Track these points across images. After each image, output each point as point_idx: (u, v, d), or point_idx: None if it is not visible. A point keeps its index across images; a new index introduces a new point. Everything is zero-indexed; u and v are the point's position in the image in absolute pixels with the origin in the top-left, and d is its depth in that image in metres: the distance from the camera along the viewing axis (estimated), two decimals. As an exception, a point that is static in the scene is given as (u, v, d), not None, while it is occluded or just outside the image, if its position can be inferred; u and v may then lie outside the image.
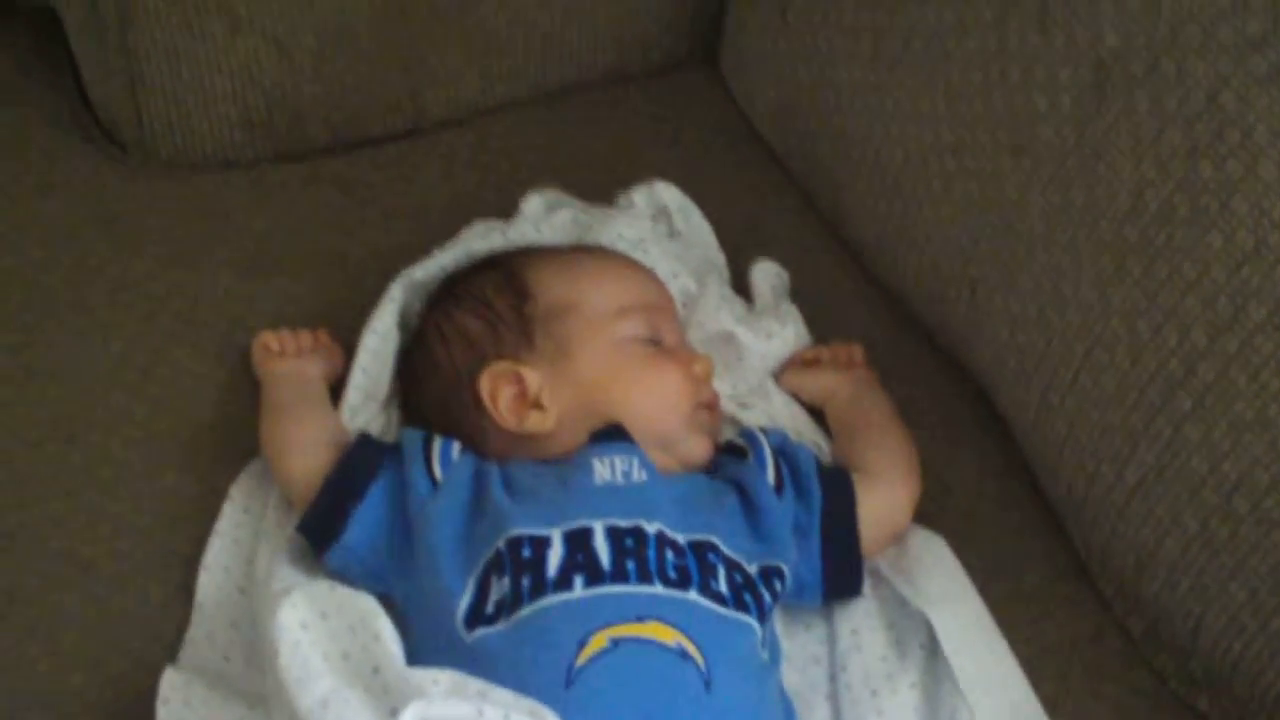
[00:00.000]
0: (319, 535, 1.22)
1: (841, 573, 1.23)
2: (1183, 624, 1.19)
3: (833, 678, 1.22)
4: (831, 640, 1.24)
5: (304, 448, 1.28)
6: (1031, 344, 1.25)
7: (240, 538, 1.28)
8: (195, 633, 1.23)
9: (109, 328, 1.42)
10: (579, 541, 1.14)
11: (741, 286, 1.45)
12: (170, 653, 1.21)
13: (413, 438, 1.25)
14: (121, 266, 1.47)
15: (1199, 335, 1.12)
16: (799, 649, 1.23)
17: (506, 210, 1.47)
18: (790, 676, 1.20)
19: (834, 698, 1.20)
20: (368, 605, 1.08)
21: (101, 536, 1.28)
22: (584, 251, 1.37)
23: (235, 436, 1.34)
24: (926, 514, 1.29)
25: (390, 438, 1.31)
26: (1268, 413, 1.08)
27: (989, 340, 1.31)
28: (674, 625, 1.10)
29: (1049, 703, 1.19)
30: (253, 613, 1.22)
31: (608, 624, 1.10)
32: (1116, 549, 1.23)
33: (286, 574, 1.20)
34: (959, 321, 1.35)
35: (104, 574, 1.26)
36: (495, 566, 1.14)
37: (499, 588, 1.13)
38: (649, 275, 1.35)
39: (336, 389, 1.35)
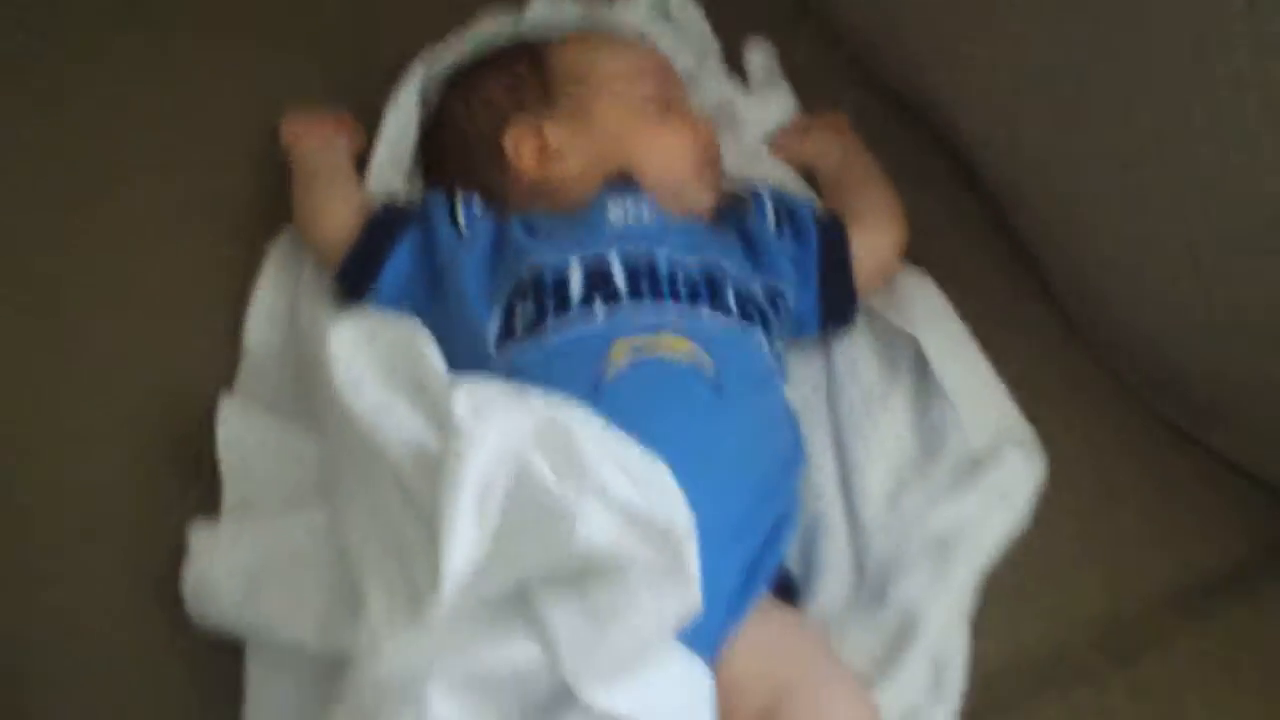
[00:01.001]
0: (354, 283, 1.33)
1: (837, 305, 1.35)
2: (1144, 332, 1.31)
3: (831, 399, 1.34)
4: (829, 369, 1.36)
5: (334, 211, 1.38)
6: (1000, 86, 1.34)
7: (281, 293, 1.39)
8: (246, 374, 1.34)
9: (139, 108, 1.51)
10: (596, 267, 1.25)
11: (734, 71, 1.55)
12: (223, 385, 1.32)
13: (436, 197, 1.36)
14: (150, 48, 1.56)
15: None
16: (799, 377, 1.35)
17: (516, 5, 1.56)
18: (793, 400, 1.32)
19: (833, 416, 1.33)
20: (412, 327, 1.18)
21: (151, 283, 1.40)
22: (598, 26, 1.48)
23: (267, 206, 1.43)
24: (911, 258, 1.41)
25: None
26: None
27: (962, 92, 1.40)
28: (687, 336, 1.22)
29: (1027, 412, 1.32)
30: (297, 353, 1.33)
31: (627, 334, 1.21)
32: (1083, 271, 1.35)
33: (329, 315, 1.30)
34: (937, 81, 1.44)
35: (155, 315, 1.38)
36: (519, 293, 1.25)
37: (524, 311, 1.24)
38: (655, 49, 1.46)
39: (361, 166, 1.45)
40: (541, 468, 1.07)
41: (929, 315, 1.35)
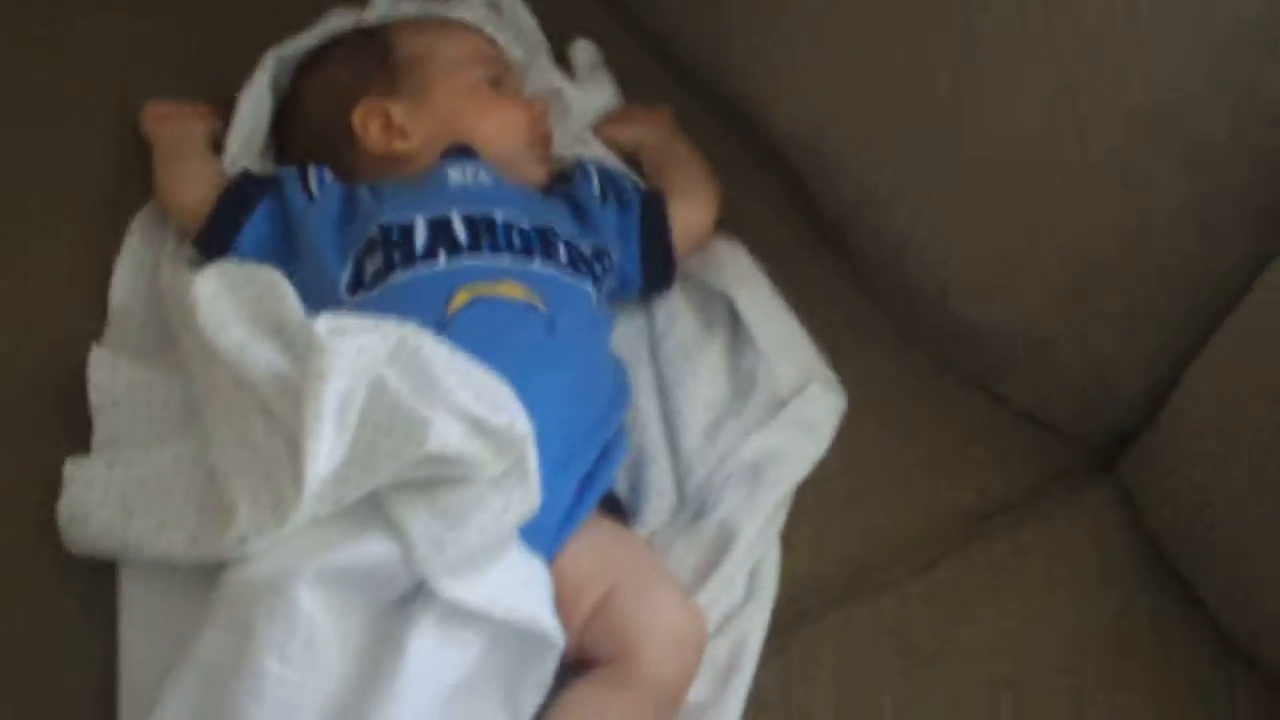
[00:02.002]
0: (214, 247, 1.43)
1: (657, 268, 1.48)
2: (934, 289, 1.46)
3: (652, 349, 1.47)
4: (650, 324, 1.49)
5: (193, 186, 1.49)
6: (809, 90, 1.50)
7: (143, 260, 1.48)
8: (112, 331, 1.43)
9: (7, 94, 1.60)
10: (439, 226, 1.37)
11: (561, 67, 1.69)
12: (91, 342, 1.40)
13: (288, 169, 1.47)
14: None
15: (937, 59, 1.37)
16: (623, 334, 1.48)
17: (360, 5, 1.67)
18: (619, 350, 1.45)
19: (654, 364, 1.46)
20: (272, 275, 1.28)
21: (18, 266, 1.48)
22: (436, 15, 1.61)
23: (130, 188, 1.53)
24: (723, 232, 1.54)
25: (268, 179, 1.52)
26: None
27: (776, 94, 1.54)
28: (523, 283, 1.35)
29: (828, 362, 1.46)
30: (159, 311, 1.43)
31: (468, 283, 1.33)
32: (881, 240, 1.49)
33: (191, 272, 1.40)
34: (752, 83, 1.57)
35: (24, 292, 1.46)
36: (369, 249, 1.36)
37: (373, 262, 1.35)
38: (490, 37, 1.59)
39: (217, 150, 1.55)
40: (395, 381, 1.18)
41: (740, 276, 1.49)
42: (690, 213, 1.52)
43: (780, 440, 1.38)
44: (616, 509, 1.35)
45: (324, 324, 1.21)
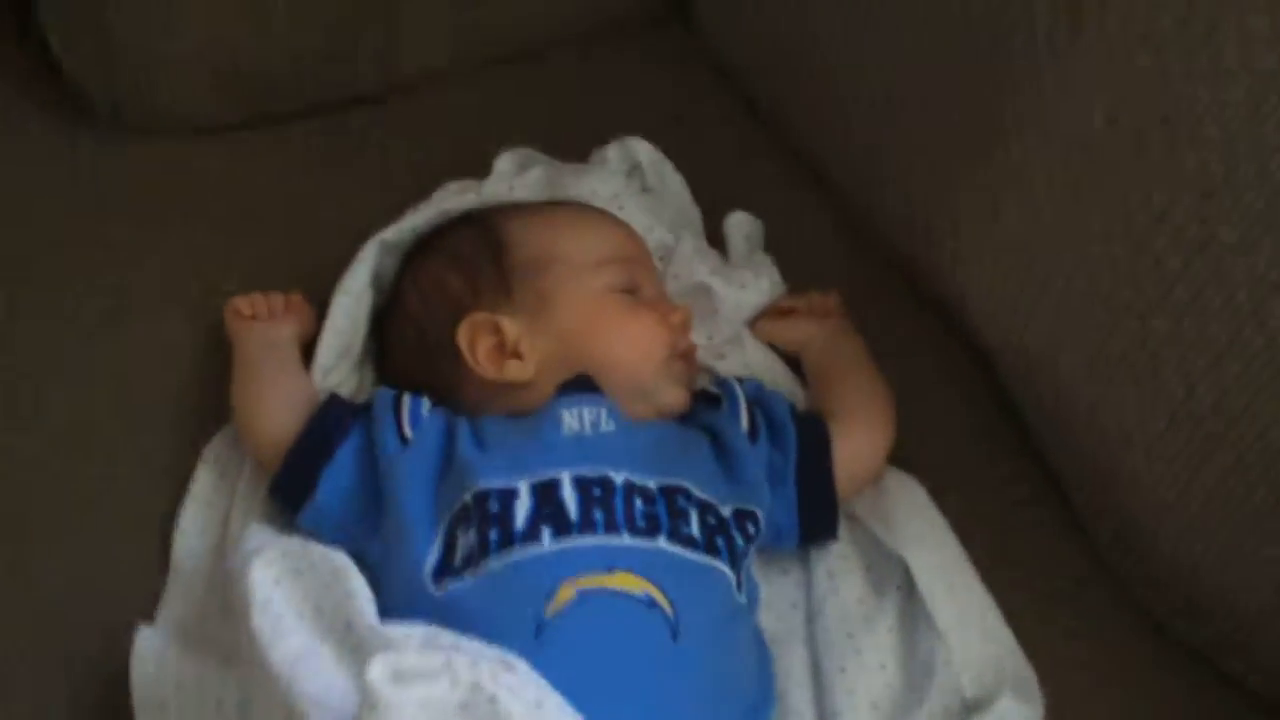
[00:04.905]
0: (291, 496, 1.23)
1: (817, 516, 1.24)
2: (1162, 557, 1.20)
3: (810, 621, 1.22)
4: (808, 585, 1.24)
5: (274, 409, 1.28)
6: (1014, 280, 1.25)
7: (215, 501, 1.29)
8: (171, 593, 1.24)
9: (81, 293, 1.42)
10: (546, 493, 1.14)
11: (716, 240, 1.45)
12: (148, 610, 1.21)
13: (384, 396, 1.25)
14: (92, 231, 1.47)
15: (1173, 260, 1.10)
16: (776, 594, 1.24)
17: (479, 173, 1.47)
18: (768, 621, 1.21)
19: (811, 641, 1.21)
20: (341, 562, 1.07)
21: (79, 498, 1.29)
22: (560, 205, 1.37)
23: (210, 399, 1.33)
24: (901, 459, 1.29)
25: (363, 398, 1.31)
26: (1243, 334, 1.07)
27: (973, 282, 1.30)
28: (642, 575, 1.11)
29: (1029, 647, 1.19)
30: (225, 572, 1.22)
31: (575, 575, 1.10)
32: (1092, 476, 1.24)
33: (260, 534, 1.18)
34: (943, 266, 1.33)
35: (82, 534, 1.27)
36: (461, 520, 1.14)
37: (465, 541, 1.13)
38: (625, 227, 1.35)
39: (310, 350, 1.34)
40: (465, 748, 0.96)
41: (918, 530, 1.24)
42: (858, 446, 1.27)
43: (960, 768, 1.12)
44: None
45: (381, 667, 0.98)
